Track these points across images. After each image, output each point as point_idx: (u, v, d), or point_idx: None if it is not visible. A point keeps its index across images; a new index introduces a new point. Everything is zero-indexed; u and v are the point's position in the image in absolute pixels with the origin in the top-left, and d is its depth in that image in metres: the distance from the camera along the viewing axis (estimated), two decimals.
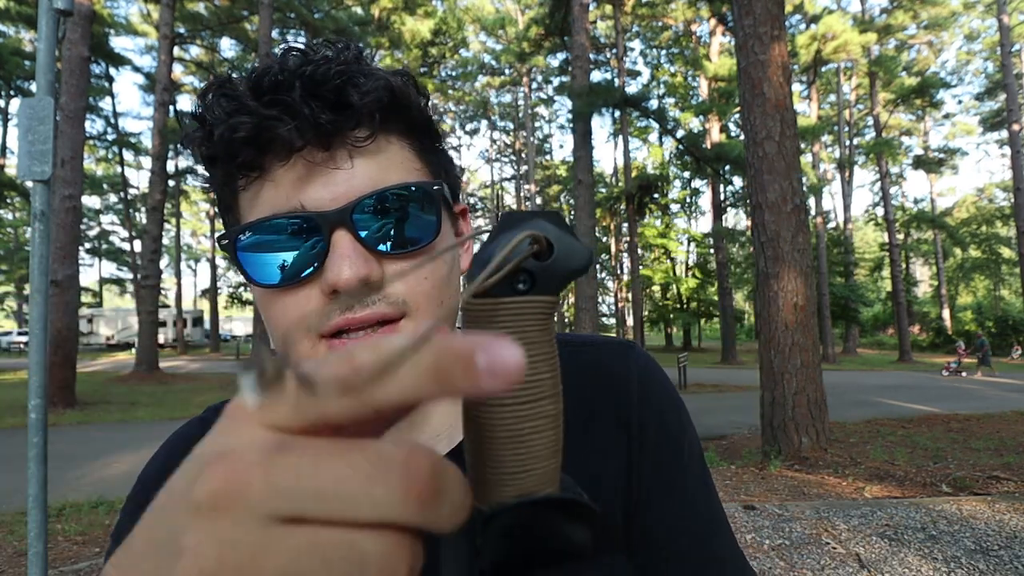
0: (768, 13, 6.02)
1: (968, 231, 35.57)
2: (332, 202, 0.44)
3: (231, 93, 0.44)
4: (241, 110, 0.43)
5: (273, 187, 0.45)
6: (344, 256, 0.43)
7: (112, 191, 36.31)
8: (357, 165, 0.45)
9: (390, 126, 0.47)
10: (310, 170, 0.44)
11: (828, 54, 23.08)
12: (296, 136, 0.43)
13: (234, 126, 0.43)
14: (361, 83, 0.44)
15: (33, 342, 2.33)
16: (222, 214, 0.52)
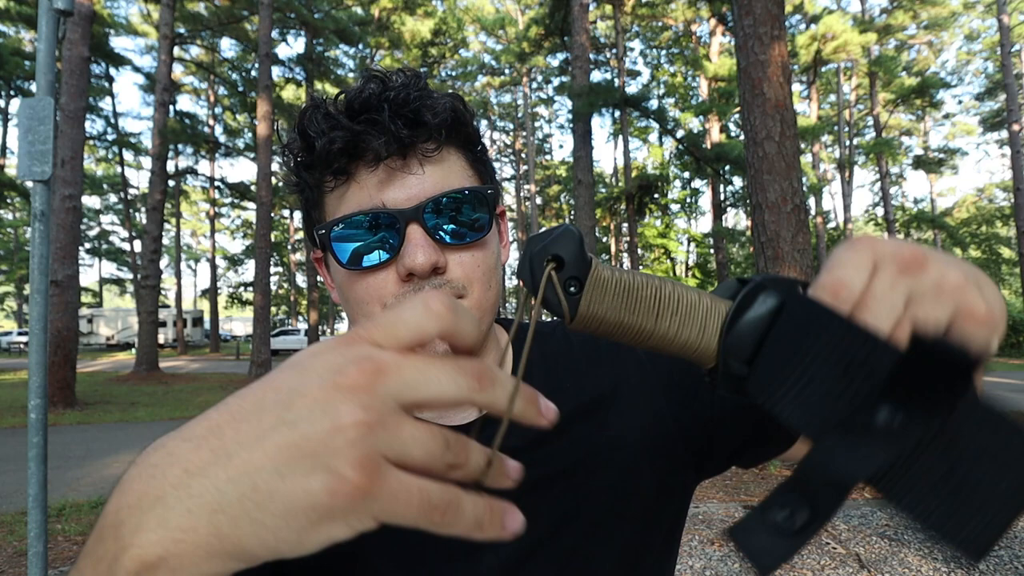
0: (768, 13, 6.02)
1: (968, 231, 35.56)
2: (407, 201, 0.55)
3: (329, 112, 0.55)
4: (337, 126, 0.54)
5: (359, 188, 0.55)
6: (418, 245, 0.53)
7: (112, 191, 36.31)
8: (427, 171, 0.56)
9: (452, 140, 0.58)
10: (390, 175, 0.55)
11: (828, 54, 23.07)
12: (383, 148, 0.53)
13: (333, 139, 0.54)
14: (432, 105, 0.55)
15: (33, 342, 2.33)
16: (306, 211, 0.61)
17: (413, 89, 0.55)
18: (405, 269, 0.54)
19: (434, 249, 0.54)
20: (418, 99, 0.55)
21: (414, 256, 0.53)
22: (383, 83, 0.56)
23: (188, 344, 33.13)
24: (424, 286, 0.54)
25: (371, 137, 0.53)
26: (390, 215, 0.54)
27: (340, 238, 0.56)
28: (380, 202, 0.55)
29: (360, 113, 0.54)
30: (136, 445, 7.52)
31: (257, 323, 15.89)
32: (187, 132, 19.22)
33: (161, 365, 17.38)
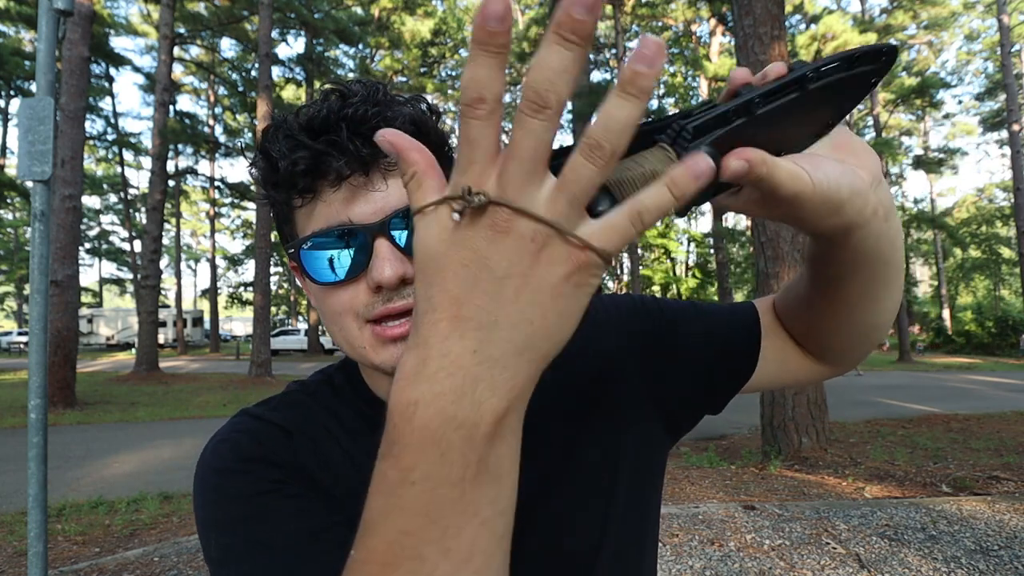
0: (768, 13, 6.02)
1: (968, 231, 35.59)
2: (373, 215, 0.56)
3: (289, 133, 0.57)
4: (299, 147, 0.55)
5: (325, 206, 0.57)
6: (385, 259, 0.55)
7: (112, 191, 36.34)
8: (391, 185, 0.57)
9: None
10: (354, 192, 0.56)
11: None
12: (345, 167, 0.55)
13: (295, 160, 0.55)
14: (391, 118, 0.57)
15: (33, 342, 2.33)
16: (280, 227, 0.64)
17: (371, 104, 0.57)
18: (374, 282, 0.55)
19: (401, 261, 0.56)
20: (376, 115, 0.56)
21: (381, 270, 0.54)
22: (342, 98, 0.57)
23: (188, 344, 33.13)
24: (393, 297, 0.56)
25: (331, 158, 0.55)
26: (356, 231, 0.56)
27: (310, 255, 0.57)
28: (347, 218, 0.56)
29: (320, 133, 0.55)
30: (136, 445, 7.53)
31: (257, 323, 15.89)
32: (187, 132, 19.23)
33: (161, 365, 17.39)
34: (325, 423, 0.64)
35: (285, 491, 0.56)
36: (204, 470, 0.59)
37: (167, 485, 5.45)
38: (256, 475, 0.57)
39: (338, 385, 0.67)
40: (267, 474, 0.57)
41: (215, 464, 0.59)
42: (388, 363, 0.56)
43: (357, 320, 0.57)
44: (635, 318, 0.69)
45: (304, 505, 0.56)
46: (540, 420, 0.62)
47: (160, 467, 6.33)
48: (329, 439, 0.63)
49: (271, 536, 0.53)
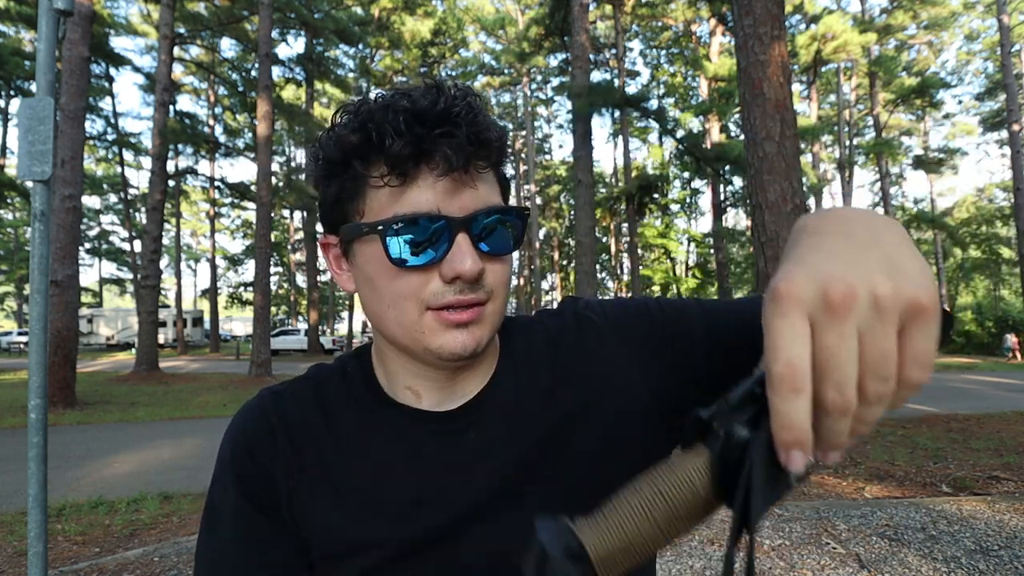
0: (768, 13, 6.02)
1: (968, 231, 35.56)
2: (459, 210, 0.58)
3: (406, 115, 0.57)
4: (412, 130, 0.57)
5: (418, 192, 0.58)
6: (467, 253, 0.58)
7: (112, 191, 36.34)
8: (480, 186, 0.60)
9: (496, 161, 0.64)
10: (451, 184, 0.58)
11: (828, 54, 23.08)
12: (453, 159, 0.57)
13: (407, 142, 0.56)
14: (494, 127, 0.60)
15: (33, 342, 2.33)
16: (338, 200, 0.63)
17: (478, 109, 0.60)
18: (453, 272, 0.58)
19: (478, 257, 0.59)
20: (484, 120, 0.60)
21: (463, 262, 0.57)
22: (446, 95, 0.60)
23: (188, 344, 33.13)
24: (464, 289, 0.59)
25: (445, 147, 0.57)
26: (446, 221, 0.58)
27: (395, 234, 0.59)
28: (436, 208, 0.58)
29: (437, 124, 0.57)
30: (136, 445, 7.52)
31: (257, 323, 15.89)
32: (187, 132, 19.23)
33: (161, 365, 17.39)
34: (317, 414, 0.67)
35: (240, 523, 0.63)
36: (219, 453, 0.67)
37: (167, 485, 5.45)
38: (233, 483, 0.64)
39: (350, 376, 0.69)
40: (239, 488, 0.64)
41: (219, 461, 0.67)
42: (447, 347, 0.59)
43: (419, 306, 0.59)
44: (635, 320, 0.70)
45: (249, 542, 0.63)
46: (540, 423, 0.65)
47: (160, 467, 6.32)
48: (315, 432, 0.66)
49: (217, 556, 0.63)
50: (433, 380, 0.65)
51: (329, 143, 0.61)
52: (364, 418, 0.65)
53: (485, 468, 0.62)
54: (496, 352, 0.69)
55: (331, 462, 0.64)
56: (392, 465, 0.63)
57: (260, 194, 15.77)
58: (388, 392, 0.67)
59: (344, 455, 0.64)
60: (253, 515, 0.64)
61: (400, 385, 0.66)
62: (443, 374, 0.65)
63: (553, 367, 0.68)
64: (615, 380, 0.67)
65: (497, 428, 0.65)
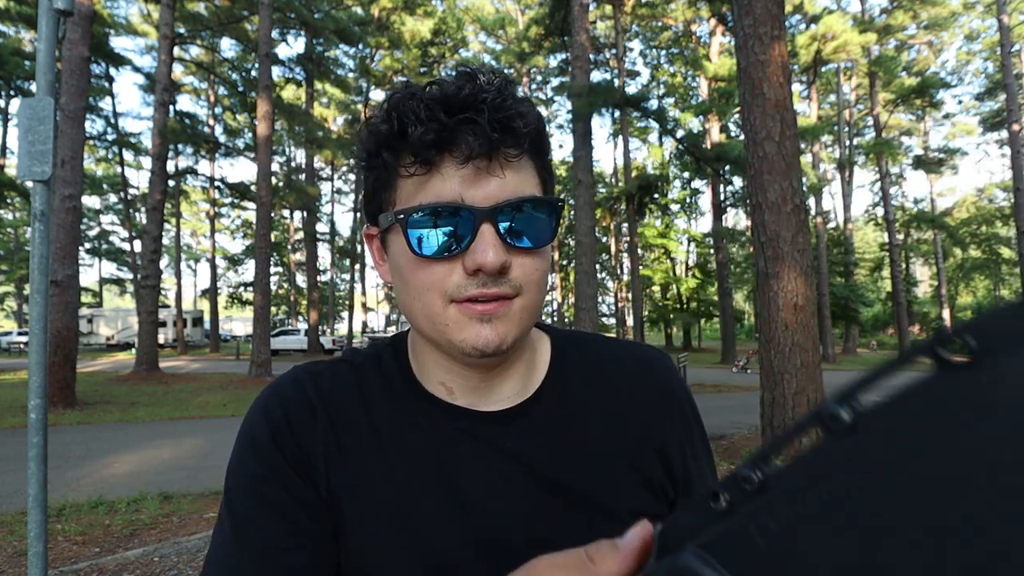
0: (768, 13, 6.02)
1: (968, 231, 35.57)
2: (484, 200, 0.57)
3: (428, 103, 0.56)
4: (434, 119, 0.55)
5: (442, 181, 0.57)
6: (490, 244, 0.56)
7: (112, 191, 36.32)
8: (506, 175, 0.58)
9: (531, 149, 0.60)
10: (475, 173, 0.57)
11: (828, 54, 23.08)
12: (475, 147, 0.55)
13: (429, 130, 0.55)
14: (524, 113, 0.58)
15: (33, 342, 2.33)
16: (375, 191, 0.62)
17: (508, 95, 0.58)
18: (474, 264, 0.56)
19: (503, 249, 0.57)
20: (512, 105, 0.57)
21: (486, 253, 0.56)
22: (476, 82, 0.58)
23: (188, 344, 33.12)
24: (487, 282, 0.57)
25: (466, 134, 0.55)
26: (468, 211, 0.56)
27: (416, 224, 0.57)
28: (460, 197, 0.57)
29: (459, 110, 0.56)
30: (136, 445, 7.53)
31: (257, 323, 15.89)
32: (187, 132, 19.22)
33: (161, 365, 17.38)
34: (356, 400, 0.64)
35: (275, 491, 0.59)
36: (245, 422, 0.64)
37: (167, 485, 5.45)
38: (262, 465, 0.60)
39: (385, 364, 0.67)
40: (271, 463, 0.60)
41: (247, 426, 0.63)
42: (469, 341, 0.57)
43: (443, 298, 0.58)
44: (672, 415, 0.68)
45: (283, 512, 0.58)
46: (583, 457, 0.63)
47: (160, 467, 6.32)
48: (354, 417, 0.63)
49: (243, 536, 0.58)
50: (465, 379, 0.64)
51: (365, 133, 0.61)
52: (400, 408, 0.63)
53: (521, 484, 0.60)
54: (536, 360, 0.68)
55: (369, 453, 0.61)
56: (425, 463, 0.61)
57: (260, 194, 15.77)
58: (423, 384, 0.65)
59: (382, 447, 0.61)
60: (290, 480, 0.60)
61: (434, 380, 0.64)
62: (475, 374, 0.63)
63: (612, 415, 0.66)
64: (636, 452, 0.65)
65: (539, 444, 0.62)
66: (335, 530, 0.59)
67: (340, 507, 0.59)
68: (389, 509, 0.59)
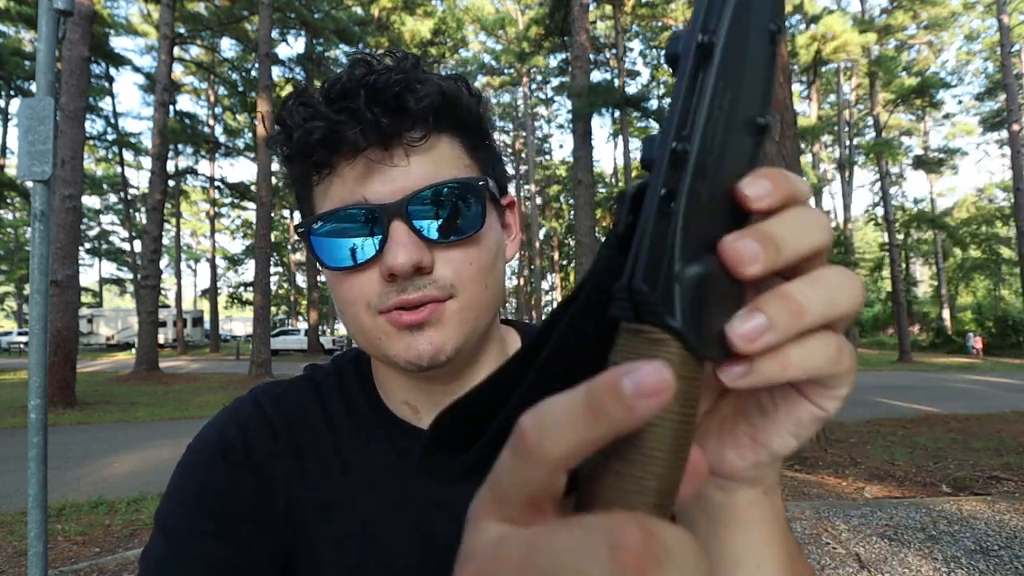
0: None
1: (968, 231, 35.52)
2: (391, 195, 0.51)
3: (307, 101, 0.52)
4: (315, 116, 0.50)
5: (340, 183, 0.52)
6: (399, 244, 0.50)
7: (112, 191, 36.32)
8: (413, 163, 0.52)
9: (442, 126, 0.54)
10: (371, 167, 0.51)
11: (828, 54, 23.07)
12: (360, 138, 0.50)
13: (309, 130, 0.50)
14: (417, 89, 0.51)
15: (33, 342, 2.33)
16: (299, 205, 0.59)
17: (397, 72, 0.51)
18: (386, 269, 0.50)
19: (418, 247, 0.50)
20: (400, 83, 0.50)
21: (395, 255, 0.50)
22: (368, 67, 0.52)
23: (188, 344, 33.12)
24: (407, 287, 0.51)
25: (347, 127, 0.49)
26: (372, 211, 0.51)
27: (321, 235, 0.53)
28: (362, 197, 0.51)
29: (338, 100, 0.50)
30: (136, 445, 7.52)
31: (257, 323, 15.89)
32: (187, 132, 19.23)
33: (161, 365, 17.38)
34: (320, 422, 0.60)
35: (211, 524, 0.54)
36: (195, 440, 0.61)
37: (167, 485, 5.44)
38: (203, 488, 0.56)
39: (347, 382, 0.63)
40: (214, 488, 0.56)
41: (197, 443, 0.61)
42: (402, 355, 0.52)
43: (369, 311, 0.53)
44: None
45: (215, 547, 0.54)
46: None
47: (160, 467, 6.32)
48: (319, 440, 0.59)
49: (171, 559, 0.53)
50: (428, 395, 0.58)
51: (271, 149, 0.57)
52: (364, 433, 0.59)
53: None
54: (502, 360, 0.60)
55: (332, 480, 0.57)
56: (390, 494, 0.56)
57: (260, 194, 15.77)
58: (387, 404, 0.60)
59: (346, 475, 0.57)
60: (232, 502, 0.55)
61: (396, 399, 0.60)
62: (435, 387, 0.57)
63: None
64: None
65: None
66: (289, 556, 0.55)
67: (298, 533, 0.56)
68: (351, 541, 0.55)
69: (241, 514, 0.55)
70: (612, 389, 0.18)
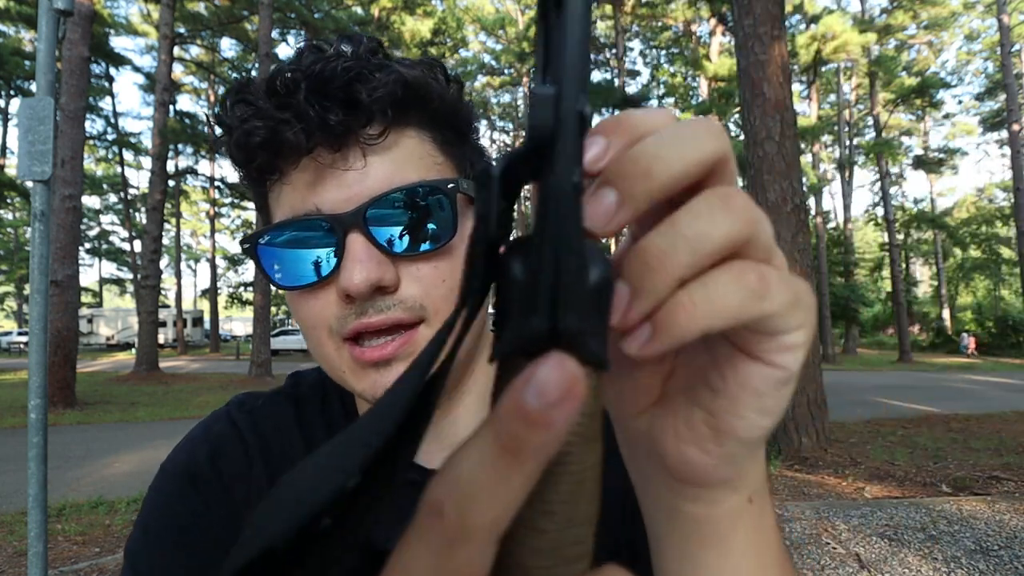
0: (768, 13, 6.02)
1: (968, 231, 35.54)
2: (346, 203, 0.44)
3: (247, 98, 0.45)
4: (256, 115, 0.44)
5: (291, 189, 0.46)
6: (356, 260, 0.43)
7: (112, 191, 36.32)
8: (371, 164, 0.44)
9: (407, 120, 0.46)
10: (322, 172, 0.44)
11: (828, 54, 23.07)
12: (303, 138, 0.42)
13: (248, 131, 0.44)
14: (371, 78, 0.43)
15: (33, 342, 2.32)
16: (258, 212, 0.52)
17: (348, 59, 0.44)
18: (342, 290, 0.43)
19: (378, 262, 0.43)
20: (350, 71, 0.43)
21: (350, 274, 0.42)
22: (318, 54, 0.45)
23: (188, 344, 33.12)
24: (367, 308, 0.44)
25: (288, 126, 0.42)
26: (324, 221, 0.44)
27: (270, 252, 0.46)
28: (314, 206, 0.44)
29: (279, 95, 0.44)
30: (136, 445, 7.52)
31: (257, 323, 15.89)
32: (187, 132, 19.22)
33: (161, 365, 17.38)
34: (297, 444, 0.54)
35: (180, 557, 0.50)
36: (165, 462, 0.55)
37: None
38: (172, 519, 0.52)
39: (329, 403, 0.57)
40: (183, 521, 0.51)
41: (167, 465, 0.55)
42: (368, 393, 0.45)
43: (332, 337, 0.46)
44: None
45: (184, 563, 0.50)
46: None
47: None
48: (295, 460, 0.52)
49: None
50: None
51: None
52: None
53: None
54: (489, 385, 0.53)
55: None
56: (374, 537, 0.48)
57: None
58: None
59: None
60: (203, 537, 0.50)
61: None
62: None
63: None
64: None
65: None
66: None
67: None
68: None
69: (211, 543, 0.51)
70: (518, 412, 0.13)
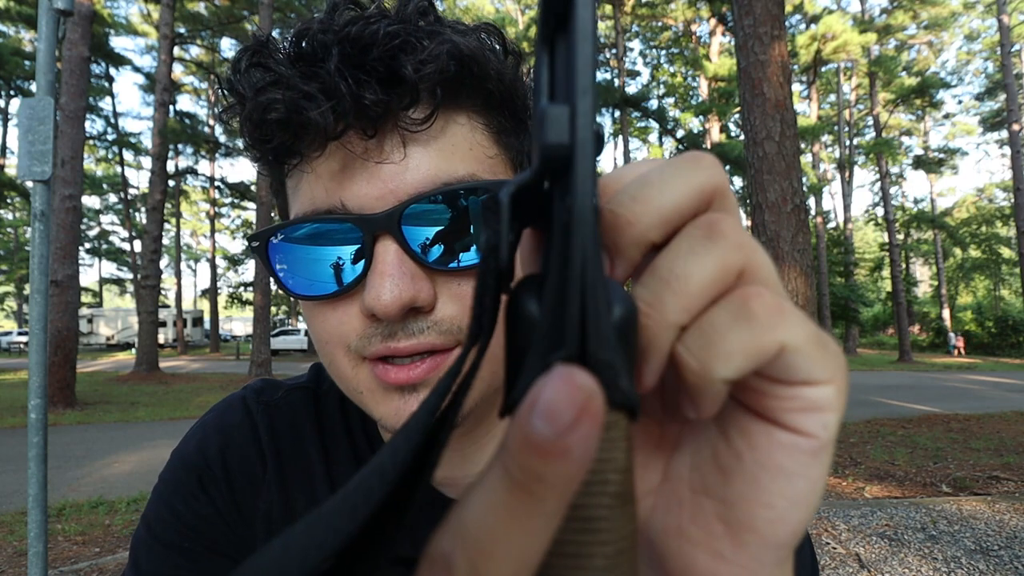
0: (768, 13, 6.02)
1: (968, 231, 35.56)
2: (379, 201, 0.36)
3: (265, 62, 0.36)
4: (276, 84, 0.35)
5: (314, 178, 0.37)
6: (385, 274, 0.35)
7: (112, 191, 36.34)
8: (411, 155, 0.36)
9: (458, 102, 0.37)
10: (351, 162, 0.36)
11: (828, 54, 23.08)
12: (331, 120, 0.34)
13: (264, 104, 0.35)
14: (420, 47, 0.34)
15: (33, 342, 2.32)
16: (272, 196, 0.44)
17: (390, 23, 0.34)
18: (367, 308, 0.36)
19: (412, 277, 0.36)
20: (394, 37, 0.34)
21: (377, 291, 0.35)
22: (355, 11, 0.37)
23: (188, 344, 33.12)
24: (396, 331, 0.37)
25: (311, 103, 0.34)
26: (350, 223, 0.36)
27: (282, 251, 0.39)
28: (339, 201, 0.37)
29: (306, 61, 0.35)
30: (136, 445, 7.52)
31: (257, 323, 15.90)
32: (187, 132, 19.22)
33: (161, 365, 17.38)
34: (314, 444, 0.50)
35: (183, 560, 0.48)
36: (176, 451, 0.53)
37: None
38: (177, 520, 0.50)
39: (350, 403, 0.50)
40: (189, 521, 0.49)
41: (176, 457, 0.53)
42: (389, 420, 0.39)
43: (349, 355, 0.39)
44: None
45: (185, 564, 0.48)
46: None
47: (160, 467, 6.26)
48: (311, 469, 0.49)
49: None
50: None
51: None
52: (360, 464, 0.48)
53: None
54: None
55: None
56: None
57: (260, 194, 15.78)
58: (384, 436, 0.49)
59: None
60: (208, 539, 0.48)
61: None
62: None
63: None
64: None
65: None
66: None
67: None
68: None
69: (217, 546, 0.48)
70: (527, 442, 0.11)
